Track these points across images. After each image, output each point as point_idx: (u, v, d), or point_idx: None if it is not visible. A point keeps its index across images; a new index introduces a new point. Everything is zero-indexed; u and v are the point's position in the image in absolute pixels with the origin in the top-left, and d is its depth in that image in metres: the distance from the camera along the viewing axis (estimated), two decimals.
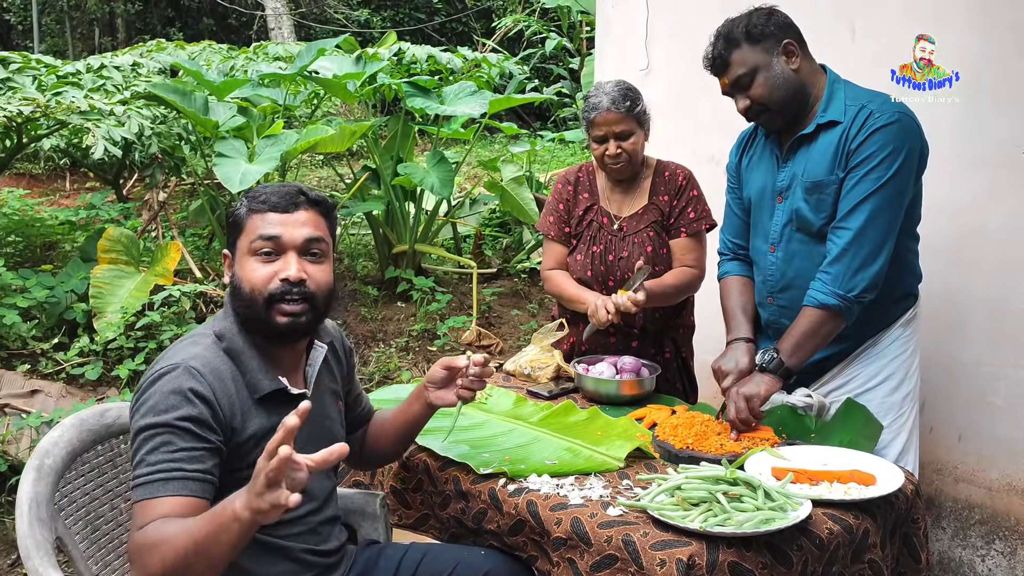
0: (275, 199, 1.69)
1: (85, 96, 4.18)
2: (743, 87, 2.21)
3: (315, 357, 1.81)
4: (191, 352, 1.63)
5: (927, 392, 2.64)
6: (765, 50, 2.19)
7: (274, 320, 1.65)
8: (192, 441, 1.53)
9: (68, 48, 13.73)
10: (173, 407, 1.53)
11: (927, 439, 2.69)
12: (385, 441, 2.00)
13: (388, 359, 4.93)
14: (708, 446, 2.07)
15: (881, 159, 2.12)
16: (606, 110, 2.60)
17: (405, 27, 14.89)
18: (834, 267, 2.15)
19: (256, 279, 1.65)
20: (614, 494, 1.87)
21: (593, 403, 2.52)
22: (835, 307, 2.14)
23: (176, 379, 1.56)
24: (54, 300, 4.10)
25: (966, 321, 2.63)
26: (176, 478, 1.49)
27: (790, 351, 2.16)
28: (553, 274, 2.80)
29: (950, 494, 2.73)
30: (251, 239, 1.66)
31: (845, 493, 1.81)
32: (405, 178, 5.23)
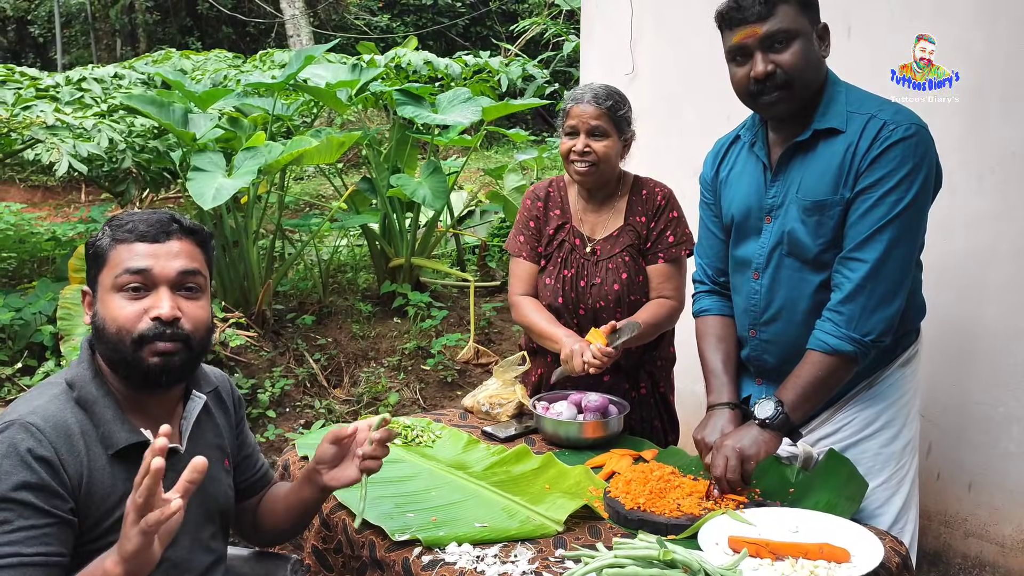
0: (143, 227, 1.48)
1: (55, 110, 4.01)
2: (775, 46, 1.84)
3: (191, 408, 1.58)
4: (32, 405, 1.42)
5: (934, 434, 2.35)
6: (810, 21, 1.87)
7: (144, 361, 1.44)
8: (32, 517, 1.31)
9: (92, 59, 13.78)
10: (6, 475, 1.31)
11: (934, 487, 2.39)
12: (277, 519, 1.76)
13: (377, 379, 4.70)
14: (663, 506, 1.81)
15: (899, 180, 1.81)
16: (585, 102, 2.36)
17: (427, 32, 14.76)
18: (847, 306, 1.85)
19: (123, 318, 1.44)
20: (540, 568, 1.61)
21: (553, 446, 2.28)
22: (849, 353, 1.84)
23: (10, 439, 1.35)
24: (21, 322, 3.93)
25: (974, 354, 2.33)
26: (13, 565, 1.28)
27: (796, 403, 1.87)
28: (523, 301, 2.53)
29: (959, 549, 2.42)
30: (116, 273, 1.46)
31: (811, 574, 1.53)
32: (398, 190, 5.02)
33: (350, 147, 5.29)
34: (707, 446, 1.95)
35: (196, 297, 1.51)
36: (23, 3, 13.28)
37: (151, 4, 13.32)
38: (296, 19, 12.75)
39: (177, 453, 1.53)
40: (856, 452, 2.01)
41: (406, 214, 5.54)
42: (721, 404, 2.04)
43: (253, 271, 4.90)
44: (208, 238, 1.58)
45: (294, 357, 4.80)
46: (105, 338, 1.46)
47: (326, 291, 5.60)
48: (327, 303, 5.44)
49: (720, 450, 1.87)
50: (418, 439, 2.29)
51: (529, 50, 11.86)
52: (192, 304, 1.49)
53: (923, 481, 2.40)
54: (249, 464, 1.78)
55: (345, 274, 6.16)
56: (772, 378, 2.10)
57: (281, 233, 5.45)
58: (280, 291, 5.46)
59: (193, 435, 1.58)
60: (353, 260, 6.46)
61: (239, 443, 1.75)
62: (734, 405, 2.04)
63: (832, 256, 1.91)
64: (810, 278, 1.95)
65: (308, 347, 4.90)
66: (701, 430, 2.01)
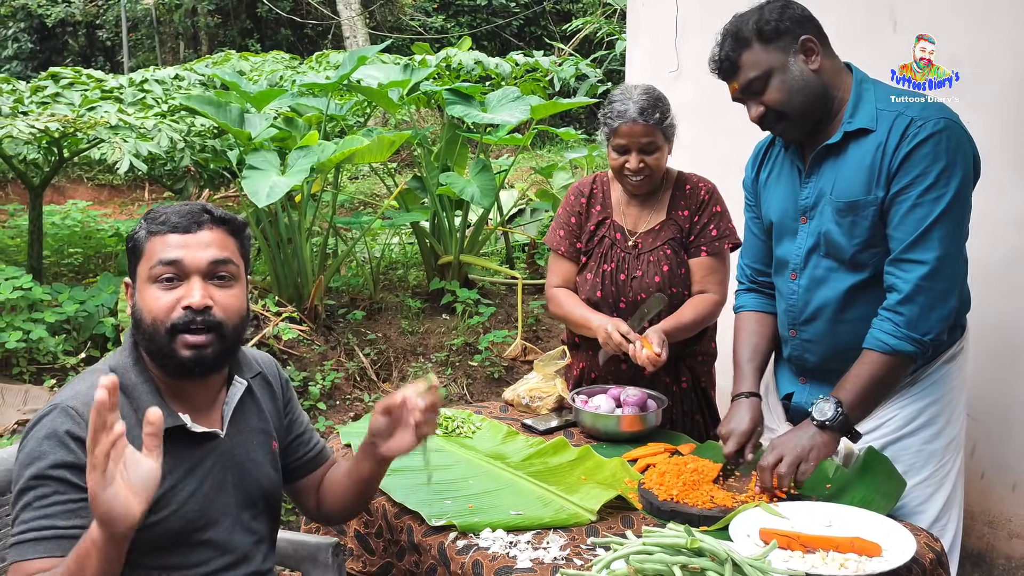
0: (175, 219, 1.52)
1: (119, 111, 4.17)
2: (756, 92, 1.92)
3: (232, 393, 1.64)
4: (75, 390, 1.49)
5: (979, 433, 2.32)
6: (780, 49, 1.89)
7: (178, 353, 1.49)
8: (69, 492, 1.38)
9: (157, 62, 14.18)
10: (45, 454, 1.39)
11: (978, 487, 2.35)
12: (339, 497, 1.78)
13: (424, 374, 4.77)
14: (696, 498, 1.83)
15: (936, 177, 1.81)
16: (632, 120, 2.33)
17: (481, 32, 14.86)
18: (906, 307, 1.84)
19: (157, 308, 1.49)
20: (571, 555, 1.64)
21: (591, 439, 2.30)
22: (909, 353, 1.85)
23: (51, 423, 1.42)
24: (85, 314, 4.09)
25: (1020, 353, 2.28)
26: (48, 537, 1.35)
27: (854, 403, 1.86)
28: (557, 293, 2.57)
29: (1003, 551, 2.38)
30: (150, 264, 1.50)
31: (840, 567, 1.53)
32: (447, 188, 5.08)
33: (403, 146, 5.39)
34: (725, 438, 1.98)
35: (229, 285, 1.54)
36: (92, 8, 13.73)
37: (213, 8, 13.66)
38: (352, 21, 12.95)
39: (217, 437, 1.58)
40: (897, 449, 2.00)
41: (455, 212, 5.61)
42: (740, 395, 2.06)
43: (306, 267, 5.01)
44: (242, 227, 1.60)
45: (345, 351, 4.89)
46: (142, 328, 1.50)
47: (376, 287, 5.69)
48: (377, 299, 5.53)
49: (774, 449, 1.87)
50: (458, 430, 2.33)
51: (583, 49, 11.87)
52: (224, 292, 1.53)
53: (968, 480, 2.37)
54: (302, 443, 1.80)
55: (396, 271, 6.26)
56: (815, 376, 2.10)
57: (334, 231, 5.56)
58: (332, 287, 5.57)
59: (234, 419, 1.63)
60: (404, 258, 6.56)
61: (288, 425, 1.78)
62: (752, 394, 2.05)
63: (868, 256, 1.92)
64: (846, 278, 1.96)
65: (358, 342, 4.99)
66: (724, 423, 2.04)
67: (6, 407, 3.56)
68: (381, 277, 6.01)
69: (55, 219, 6.05)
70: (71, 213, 6.24)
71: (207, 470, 1.56)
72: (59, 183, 9.29)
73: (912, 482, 1.98)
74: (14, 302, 3.86)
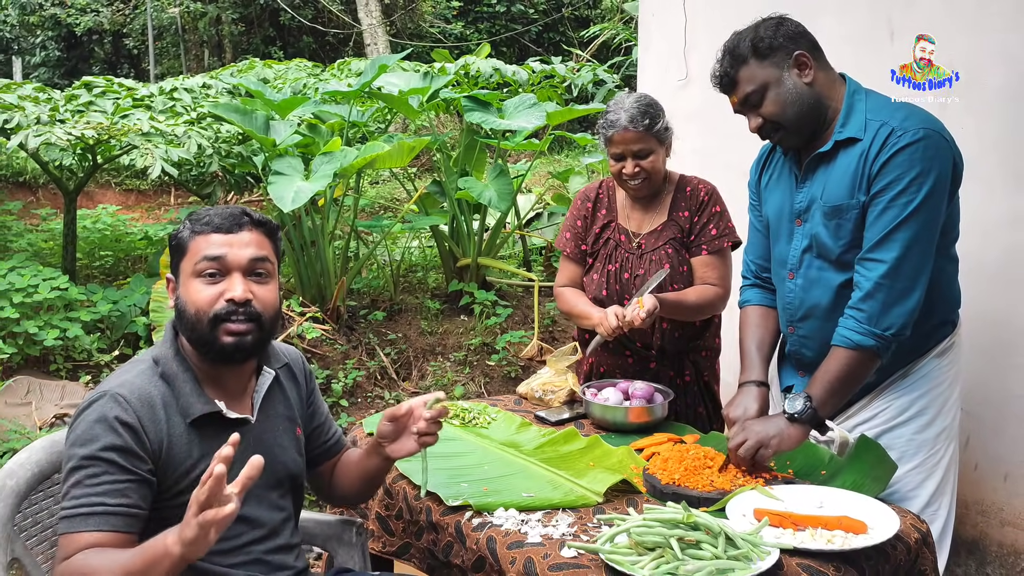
0: (219, 220, 1.67)
1: (150, 118, 4.34)
2: (753, 105, 2.05)
3: (262, 382, 1.78)
4: (122, 379, 1.63)
5: (972, 426, 2.42)
6: (775, 64, 2.02)
7: (220, 340, 1.63)
8: (117, 473, 1.52)
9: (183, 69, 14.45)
10: (96, 437, 1.53)
11: (971, 477, 2.45)
12: (348, 483, 1.94)
13: (444, 373, 4.91)
14: (696, 482, 1.95)
15: (908, 182, 1.92)
16: (623, 128, 2.47)
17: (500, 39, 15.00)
18: (867, 303, 1.96)
19: (201, 300, 1.63)
20: (579, 532, 1.77)
21: (601, 430, 2.42)
22: (871, 347, 1.96)
23: (101, 408, 1.56)
24: (117, 314, 4.27)
25: (1013, 348, 2.39)
26: (98, 513, 1.49)
27: (823, 398, 1.98)
28: (563, 291, 2.70)
29: (995, 538, 2.48)
30: (195, 261, 1.64)
31: (828, 542, 1.65)
32: (465, 192, 5.22)
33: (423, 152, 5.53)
34: (732, 422, 2.10)
35: (265, 282, 1.69)
36: (119, 17, 14.01)
37: (237, 16, 13.91)
38: (373, 28, 13.14)
39: (248, 423, 1.72)
40: (890, 438, 2.11)
41: (474, 216, 5.75)
42: (749, 382, 2.18)
43: (329, 269, 5.17)
44: (276, 229, 1.76)
45: (366, 351, 5.04)
46: (186, 319, 1.64)
47: (397, 289, 5.84)
48: (398, 300, 5.68)
49: (741, 429, 2.01)
50: (474, 420, 2.46)
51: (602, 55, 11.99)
52: (262, 288, 1.67)
53: (961, 471, 2.46)
54: (322, 431, 1.95)
55: (416, 273, 6.40)
56: (812, 369, 2.21)
57: (356, 234, 5.72)
58: (355, 289, 5.72)
59: (263, 407, 1.77)
60: (424, 260, 6.71)
61: (311, 413, 1.93)
62: (760, 383, 2.17)
63: (853, 256, 2.03)
64: (835, 277, 2.08)
65: (379, 341, 5.14)
66: (729, 406, 2.16)
67: (44, 402, 3.73)
68: (402, 279, 6.16)
69: (87, 223, 6.24)
70: (102, 217, 6.43)
71: (239, 453, 1.69)
72: (89, 188, 9.49)
73: (904, 469, 2.09)
74: (51, 302, 4.03)
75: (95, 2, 13.75)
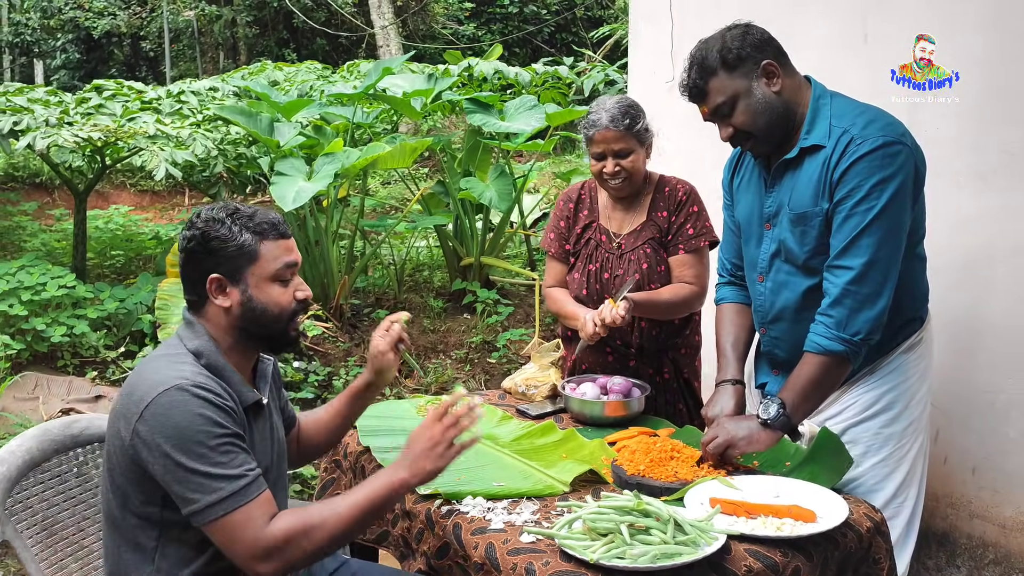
0: (281, 227, 1.76)
1: (157, 120, 4.45)
2: (724, 115, 2.09)
3: (263, 368, 1.88)
4: (181, 373, 1.64)
5: (941, 421, 2.47)
6: (744, 75, 2.05)
7: (290, 333, 1.77)
8: (240, 443, 1.63)
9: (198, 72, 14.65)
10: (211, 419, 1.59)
11: (941, 470, 2.50)
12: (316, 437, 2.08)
13: (444, 370, 5.00)
14: (660, 473, 2.01)
15: (869, 189, 1.96)
16: (604, 128, 2.54)
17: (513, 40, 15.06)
18: (835, 309, 2.00)
19: (285, 301, 1.74)
20: (541, 519, 1.84)
21: (579, 424, 2.49)
22: (840, 353, 2.00)
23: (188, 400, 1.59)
24: (124, 311, 4.38)
25: (979, 344, 2.44)
26: (254, 479, 1.60)
27: (796, 403, 2.03)
28: (552, 292, 2.78)
29: (964, 530, 2.52)
30: (275, 267, 1.72)
31: (777, 529, 1.72)
32: (467, 192, 5.31)
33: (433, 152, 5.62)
34: (710, 421, 2.15)
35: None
36: (136, 20, 14.22)
37: (250, 19, 14.07)
38: (385, 30, 13.24)
39: (263, 406, 1.80)
40: (857, 431, 2.16)
41: (477, 216, 5.83)
42: (725, 381, 2.23)
43: (332, 268, 5.27)
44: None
45: (368, 348, 5.13)
46: (265, 319, 1.72)
47: (401, 288, 5.93)
48: (402, 299, 5.77)
49: (715, 427, 2.07)
50: None
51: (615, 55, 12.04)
52: None
53: (931, 465, 2.52)
54: (287, 411, 2.07)
55: (422, 272, 6.49)
56: (785, 369, 2.26)
57: (361, 234, 5.82)
58: (360, 288, 5.82)
59: (263, 390, 1.88)
60: (431, 260, 6.80)
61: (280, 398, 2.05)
62: (736, 381, 2.22)
63: (818, 262, 2.08)
64: (802, 282, 2.13)
65: None
66: (708, 407, 2.22)
67: (51, 397, 3.85)
68: (408, 279, 6.25)
69: (99, 223, 6.38)
70: (114, 217, 6.57)
71: (261, 433, 1.80)
72: (103, 189, 9.67)
73: (870, 462, 2.15)
74: (59, 299, 4.15)
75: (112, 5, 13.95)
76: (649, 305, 2.53)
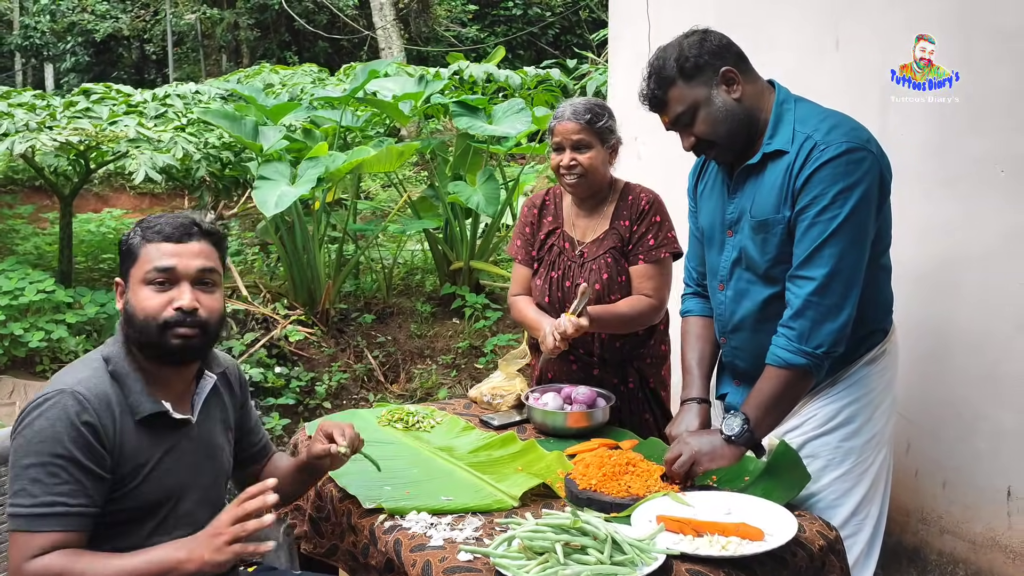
0: (169, 230, 1.72)
1: (139, 124, 4.43)
2: (685, 124, 2.03)
3: (203, 385, 1.84)
4: (77, 377, 1.67)
5: (911, 433, 2.41)
6: (703, 83, 1.99)
7: (169, 342, 1.69)
8: (78, 472, 1.58)
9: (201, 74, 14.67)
10: (60, 436, 1.57)
11: (912, 484, 2.44)
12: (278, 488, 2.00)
13: (429, 376, 4.96)
14: (612, 488, 1.96)
15: (832, 198, 1.90)
16: (566, 120, 2.51)
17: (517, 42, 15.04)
18: (797, 321, 1.94)
19: (151, 307, 1.68)
20: (483, 535, 1.80)
21: (543, 435, 2.45)
22: (803, 366, 1.94)
23: (63, 406, 1.59)
24: (105, 316, 4.36)
25: (948, 354, 2.37)
26: (58, 514, 1.55)
27: (759, 418, 1.97)
28: (516, 301, 2.73)
29: (935, 546, 2.46)
30: (146, 269, 1.69)
31: (722, 548, 1.66)
32: (455, 196, 5.27)
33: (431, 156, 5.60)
34: (674, 439, 2.09)
35: (211, 291, 1.75)
36: (139, 24, 14.26)
37: (252, 22, 14.09)
38: (387, 33, 13.24)
39: (189, 423, 1.78)
40: (816, 445, 2.10)
41: (467, 220, 5.79)
42: (690, 399, 2.18)
43: (319, 273, 5.24)
44: (223, 239, 1.83)
45: (354, 353, 5.10)
46: (135, 324, 1.70)
47: (390, 292, 5.90)
48: (391, 304, 5.74)
49: (678, 443, 2.01)
50: (418, 424, 2.50)
51: None
52: (208, 296, 1.74)
53: (902, 478, 2.47)
54: (252, 438, 2.03)
55: (415, 276, 6.46)
56: (747, 380, 2.20)
57: (351, 238, 5.78)
58: (348, 292, 5.79)
59: (203, 409, 1.84)
60: (426, 264, 6.77)
61: (242, 418, 2.00)
62: (702, 400, 2.17)
63: (779, 271, 2.02)
64: (762, 291, 2.07)
65: (368, 344, 5.19)
66: (672, 425, 2.16)
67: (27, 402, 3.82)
68: (400, 283, 6.22)
69: (91, 227, 6.37)
70: (105, 221, 6.56)
71: (182, 451, 1.77)
72: (103, 192, 9.70)
73: (829, 477, 2.09)
74: (38, 304, 4.14)
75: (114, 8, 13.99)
76: (607, 319, 2.48)
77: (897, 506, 2.48)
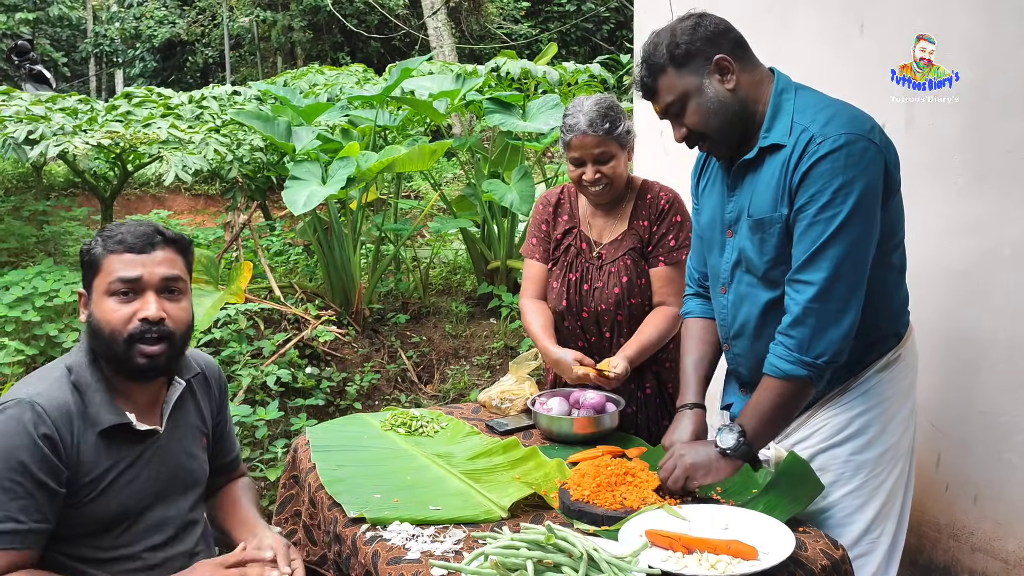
0: (131, 239, 1.68)
1: (171, 126, 4.47)
2: (675, 115, 1.90)
3: (172, 393, 1.80)
4: (38, 388, 1.64)
5: (942, 444, 2.25)
6: (694, 72, 1.85)
7: (135, 360, 1.65)
8: (32, 488, 1.55)
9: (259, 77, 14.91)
10: (16, 449, 1.55)
11: (943, 499, 2.28)
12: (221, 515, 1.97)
13: (462, 377, 4.90)
14: (606, 499, 1.87)
15: (832, 194, 1.75)
16: (583, 133, 2.38)
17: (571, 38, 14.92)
18: (797, 330, 1.80)
19: (115, 320, 1.65)
20: (465, 548, 1.72)
21: (549, 441, 2.36)
22: (803, 377, 1.81)
23: (21, 418, 1.57)
24: None
25: (981, 361, 2.20)
26: (10, 531, 1.52)
27: (757, 431, 1.86)
28: (526, 307, 2.62)
29: (967, 564, 2.29)
30: (109, 280, 1.66)
31: (711, 567, 1.56)
32: (489, 194, 5.20)
33: None
34: (668, 449, 1.99)
35: (178, 299, 1.71)
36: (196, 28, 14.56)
37: (304, 24, 14.26)
38: (439, 31, 13.25)
39: (156, 434, 1.74)
40: (826, 458, 1.96)
41: (505, 218, 5.72)
42: (684, 406, 2.06)
43: (354, 273, 5.22)
44: (188, 245, 1.77)
45: (388, 354, 5.07)
46: (101, 337, 1.66)
47: (427, 292, 5.86)
48: (428, 304, 5.70)
49: (672, 457, 1.91)
50: (421, 429, 2.43)
51: None
52: (175, 306, 1.70)
53: (932, 492, 2.31)
54: (223, 448, 1.98)
55: (455, 276, 6.41)
56: (752, 388, 2.06)
57: (388, 237, 5.76)
58: (385, 292, 5.77)
59: (173, 417, 1.79)
60: (467, 263, 6.72)
61: (219, 422, 1.95)
62: (696, 405, 2.05)
63: (779, 273, 1.88)
64: (763, 295, 1.93)
65: (402, 345, 5.16)
66: (666, 436, 2.05)
67: None
68: (440, 282, 6.17)
69: None
70: None
71: (146, 462, 1.73)
72: (159, 194, 9.92)
73: (840, 492, 1.95)
74: (73, 305, 4.19)
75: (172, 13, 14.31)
76: (642, 353, 2.41)
77: (928, 520, 2.33)
